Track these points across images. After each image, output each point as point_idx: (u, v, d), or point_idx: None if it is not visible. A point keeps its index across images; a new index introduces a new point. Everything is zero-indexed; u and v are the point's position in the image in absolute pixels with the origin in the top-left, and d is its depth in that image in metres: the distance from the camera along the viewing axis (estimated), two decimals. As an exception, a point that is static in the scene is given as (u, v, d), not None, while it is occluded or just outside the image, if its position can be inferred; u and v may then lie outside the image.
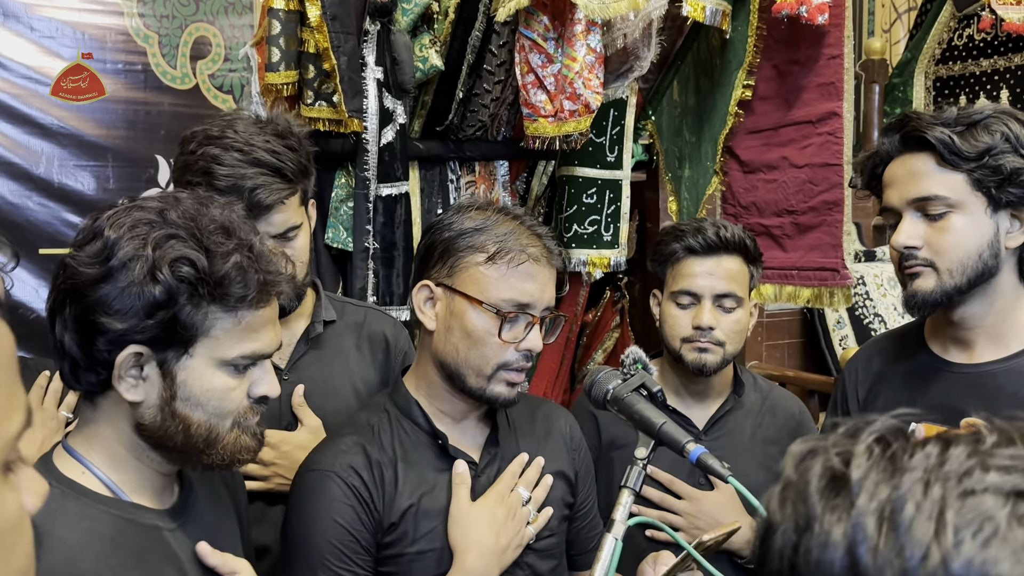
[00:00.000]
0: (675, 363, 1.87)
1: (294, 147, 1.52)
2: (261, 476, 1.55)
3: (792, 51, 2.39)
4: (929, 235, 1.44)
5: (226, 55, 2.83)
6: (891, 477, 0.53)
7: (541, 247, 1.38)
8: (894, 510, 0.52)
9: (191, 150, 1.49)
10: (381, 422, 1.42)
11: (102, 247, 1.01)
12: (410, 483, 1.37)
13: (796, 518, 0.56)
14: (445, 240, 1.39)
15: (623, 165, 2.49)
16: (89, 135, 2.62)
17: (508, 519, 1.36)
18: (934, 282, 1.44)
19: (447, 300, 1.38)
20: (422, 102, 2.28)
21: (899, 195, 1.46)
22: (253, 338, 1.07)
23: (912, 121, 1.46)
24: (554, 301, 1.41)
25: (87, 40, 2.63)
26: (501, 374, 1.36)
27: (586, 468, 1.57)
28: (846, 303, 2.38)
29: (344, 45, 2.06)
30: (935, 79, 2.91)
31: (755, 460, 1.85)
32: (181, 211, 1.05)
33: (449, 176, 2.39)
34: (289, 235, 1.52)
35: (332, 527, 1.32)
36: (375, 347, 1.72)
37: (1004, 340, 1.47)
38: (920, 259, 1.44)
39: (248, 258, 1.04)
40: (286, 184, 1.49)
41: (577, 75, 2.07)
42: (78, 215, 2.60)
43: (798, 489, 0.57)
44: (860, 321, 3.77)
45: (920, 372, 1.55)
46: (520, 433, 1.51)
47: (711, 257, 1.81)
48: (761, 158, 2.49)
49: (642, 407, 1.21)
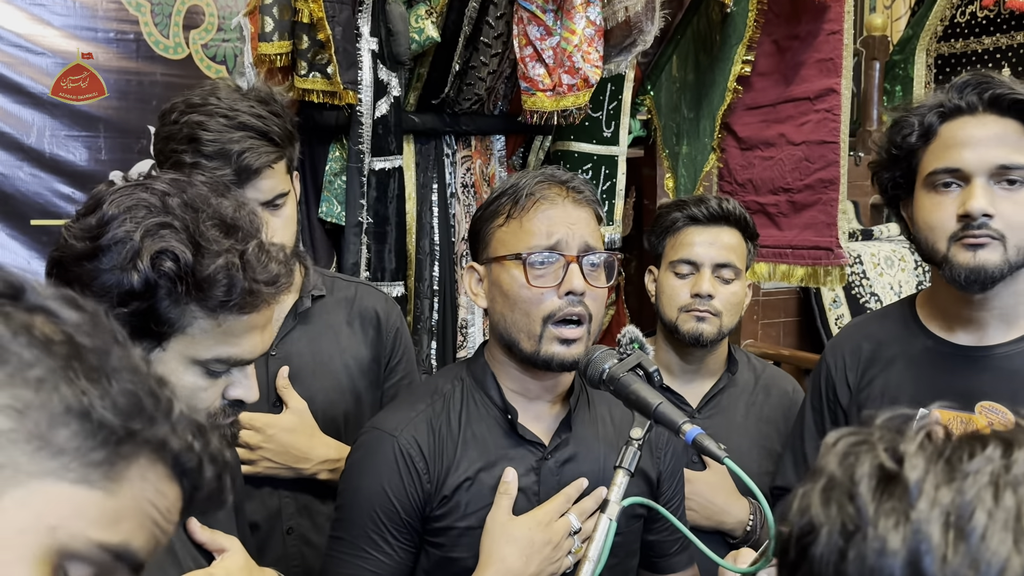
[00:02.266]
0: (670, 338, 1.87)
1: (278, 112, 1.51)
2: (248, 460, 1.54)
3: (792, 26, 2.36)
4: (1004, 206, 1.33)
5: (219, 24, 2.79)
6: (951, 480, 0.50)
7: (560, 189, 1.32)
8: (961, 517, 0.48)
9: (173, 120, 1.46)
10: (454, 391, 1.39)
11: (96, 223, 0.99)
12: (469, 457, 1.33)
13: (844, 520, 0.52)
14: (478, 219, 1.39)
15: (619, 141, 2.48)
16: (80, 105, 2.59)
17: (546, 545, 1.28)
18: (1000, 256, 1.33)
19: (488, 274, 1.37)
20: (418, 74, 2.25)
21: (979, 157, 1.34)
22: (232, 343, 1.03)
23: (1001, 82, 1.35)
24: (597, 241, 1.33)
25: (77, 8, 2.59)
26: (551, 329, 1.28)
27: (672, 468, 1.48)
28: (840, 282, 2.38)
29: (339, 15, 2.02)
30: (936, 56, 2.88)
31: (749, 438, 1.86)
32: (185, 199, 1.01)
33: (445, 150, 2.36)
34: (277, 202, 1.50)
35: (379, 493, 1.31)
36: (366, 323, 1.70)
37: (1018, 321, 1.41)
38: (992, 230, 1.33)
39: (239, 262, 1.00)
40: (273, 148, 1.47)
41: (576, 48, 2.04)
42: (70, 186, 2.58)
43: (845, 489, 0.53)
44: (856, 300, 3.77)
45: (925, 356, 1.48)
46: (599, 419, 1.43)
47: (712, 227, 1.82)
48: (759, 135, 2.48)
49: (638, 387, 1.20)
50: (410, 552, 1.34)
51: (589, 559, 1.13)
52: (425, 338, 2.29)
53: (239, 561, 1.16)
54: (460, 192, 2.39)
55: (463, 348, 2.36)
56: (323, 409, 1.60)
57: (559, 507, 1.31)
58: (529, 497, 1.34)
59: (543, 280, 1.29)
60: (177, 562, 1.08)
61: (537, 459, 1.35)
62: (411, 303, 2.28)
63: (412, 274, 2.29)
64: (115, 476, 0.58)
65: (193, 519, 1.13)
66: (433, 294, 2.31)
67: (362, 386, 1.66)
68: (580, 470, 1.36)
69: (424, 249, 2.31)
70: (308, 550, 1.60)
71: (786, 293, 3.76)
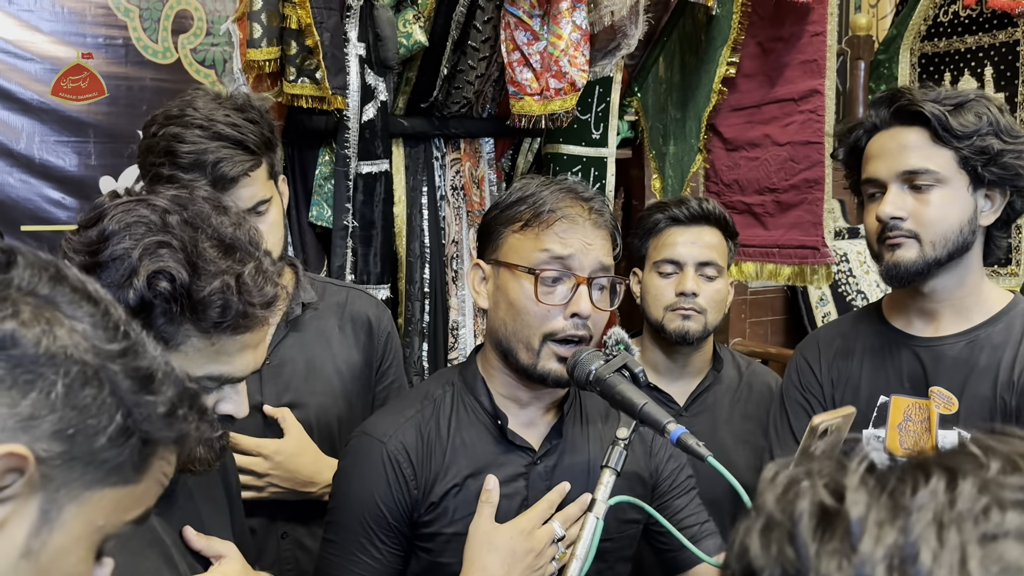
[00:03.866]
0: (656, 337, 1.90)
1: (255, 119, 1.51)
2: (256, 486, 1.55)
3: (776, 28, 2.39)
4: (915, 207, 1.47)
5: (208, 29, 2.80)
6: (895, 518, 0.48)
7: (581, 207, 1.31)
8: (905, 558, 0.46)
9: (152, 132, 1.47)
10: (444, 396, 1.39)
11: (97, 238, 1.00)
12: (458, 464, 1.34)
13: (784, 565, 0.49)
14: (492, 218, 1.38)
15: (608, 143, 2.50)
16: (70, 110, 2.60)
17: (528, 553, 1.27)
18: (916, 253, 1.47)
19: (494, 275, 1.36)
20: (406, 78, 2.27)
21: (888, 167, 1.49)
22: (224, 362, 1.03)
23: (905, 95, 1.49)
24: (610, 264, 1.33)
25: (66, 13, 2.60)
26: (550, 346, 1.29)
27: (673, 468, 1.47)
28: (827, 281, 2.41)
29: (327, 21, 2.04)
30: (920, 56, 2.91)
31: (734, 435, 1.89)
32: (185, 217, 1.01)
33: (434, 153, 2.38)
34: (260, 209, 1.51)
35: (368, 499, 1.33)
36: (358, 328, 1.71)
37: (968, 313, 1.53)
38: (904, 230, 1.48)
39: (235, 284, 1.00)
40: (249, 156, 1.48)
41: (563, 53, 2.06)
42: (60, 192, 2.59)
43: (785, 529, 0.50)
44: (843, 298, 3.80)
45: (885, 347, 1.60)
46: (591, 426, 1.42)
47: (693, 227, 1.86)
48: (744, 136, 2.50)
49: (624, 388, 1.22)
50: (399, 556, 1.35)
51: (577, 557, 1.15)
52: (416, 340, 2.31)
53: (236, 567, 1.16)
54: (450, 194, 2.41)
55: (454, 350, 2.38)
56: (316, 415, 1.62)
57: (542, 514, 1.31)
58: (519, 503, 1.34)
59: (551, 298, 1.29)
60: (175, 568, 1.09)
61: (526, 465, 1.36)
62: (401, 305, 2.30)
63: (403, 276, 2.30)
64: (145, 469, 0.68)
65: (188, 527, 1.14)
66: (424, 296, 2.33)
67: (354, 391, 1.68)
68: (570, 476, 1.36)
69: (414, 252, 2.33)
70: (302, 554, 1.62)
71: (773, 292, 3.79)
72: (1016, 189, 1.49)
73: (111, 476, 0.65)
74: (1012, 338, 1.49)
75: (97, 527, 0.66)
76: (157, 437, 0.67)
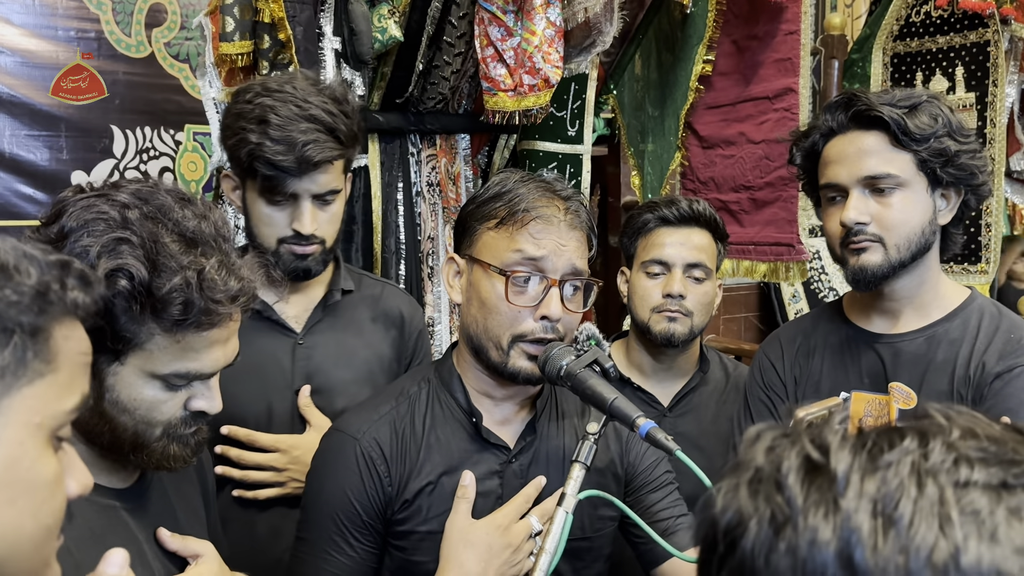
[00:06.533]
0: (642, 338, 1.89)
1: (348, 113, 1.56)
2: (276, 482, 1.56)
3: (751, 26, 2.40)
4: (878, 211, 1.48)
5: (182, 23, 2.77)
6: (875, 470, 0.51)
7: (558, 207, 1.30)
8: (888, 505, 0.50)
9: (247, 99, 1.51)
10: (420, 392, 1.38)
11: (56, 235, 0.98)
12: (432, 461, 1.33)
13: (773, 511, 0.52)
14: (468, 213, 1.37)
15: (584, 139, 2.50)
16: (41, 104, 2.57)
17: (505, 549, 1.27)
18: (881, 256, 1.49)
19: (468, 271, 1.35)
20: (381, 73, 2.26)
21: (849, 172, 1.49)
22: (191, 358, 1.02)
23: (862, 99, 1.50)
24: (583, 266, 1.32)
25: (37, 6, 2.57)
26: (520, 346, 1.28)
27: (649, 463, 1.46)
28: (801, 277, 2.43)
29: (300, 15, 2.03)
30: (892, 55, 2.94)
31: (718, 436, 1.88)
32: (146, 211, 1.00)
33: (410, 149, 2.37)
34: (328, 198, 1.56)
35: (341, 496, 1.32)
36: (390, 323, 1.72)
37: (927, 310, 1.55)
38: (869, 234, 1.49)
39: (197, 280, 0.98)
40: (337, 144, 1.52)
41: (536, 49, 2.06)
42: (31, 187, 2.56)
43: (773, 480, 0.53)
44: (815, 295, 3.83)
45: (846, 344, 1.61)
46: (566, 420, 1.42)
47: (682, 228, 1.85)
48: (720, 134, 2.52)
49: (594, 383, 1.22)
50: (373, 553, 1.35)
51: (546, 551, 1.15)
52: (391, 336, 2.30)
53: (213, 567, 1.15)
54: (425, 191, 2.40)
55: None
56: (345, 401, 1.61)
57: (518, 509, 1.31)
58: (493, 501, 1.34)
59: (521, 299, 1.28)
60: (148, 567, 1.08)
61: (501, 462, 1.35)
62: (377, 301, 2.29)
63: (378, 272, 2.30)
64: (50, 356, 0.68)
65: (162, 528, 1.12)
66: (399, 292, 2.32)
67: (382, 382, 1.68)
68: (546, 472, 1.36)
69: (390, 248, 2.32)
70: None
71: (747, 289, 3.82)
72: (970, 188, 1.51)
73: (17, 377, 0.66)
74: (968, 334, 1.51)
75: (35, 425, 0.67)
76: (39, 323, 0.67)
